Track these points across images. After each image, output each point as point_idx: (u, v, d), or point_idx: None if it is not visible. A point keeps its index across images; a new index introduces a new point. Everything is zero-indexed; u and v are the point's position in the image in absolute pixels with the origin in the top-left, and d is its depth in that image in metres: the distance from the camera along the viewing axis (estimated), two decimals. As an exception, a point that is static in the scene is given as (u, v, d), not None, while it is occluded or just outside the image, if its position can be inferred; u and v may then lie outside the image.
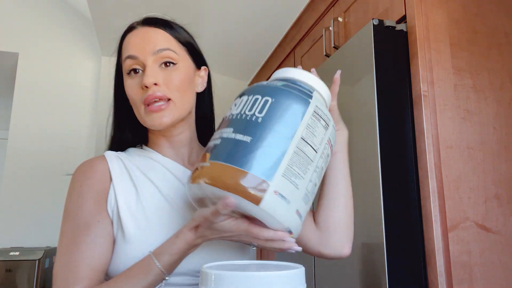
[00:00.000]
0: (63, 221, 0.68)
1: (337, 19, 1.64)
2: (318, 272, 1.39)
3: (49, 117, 2.97)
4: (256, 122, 0.55)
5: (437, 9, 1.17)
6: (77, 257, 0.63)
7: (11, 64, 3.19)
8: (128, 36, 0.74)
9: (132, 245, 0.65)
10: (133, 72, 0.71)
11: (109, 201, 0.69)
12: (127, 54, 0.72)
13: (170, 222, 0.69)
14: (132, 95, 0.72)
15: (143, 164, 0.75)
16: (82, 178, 0.70)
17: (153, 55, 0.70)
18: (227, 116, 0.60)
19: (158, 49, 0.71)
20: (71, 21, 3.14)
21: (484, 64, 1.17)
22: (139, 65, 0.71)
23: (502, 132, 1.15)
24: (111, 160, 0.73)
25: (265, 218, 0.53)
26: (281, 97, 0.57)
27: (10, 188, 2.81)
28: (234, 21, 2.39)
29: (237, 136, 0.54)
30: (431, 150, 1.08)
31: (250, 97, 0.59)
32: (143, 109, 0.70)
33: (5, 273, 2.46)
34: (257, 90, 0.60)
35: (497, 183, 1.11)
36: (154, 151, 0.77)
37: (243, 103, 0.59)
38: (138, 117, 0.73)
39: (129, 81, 0.72)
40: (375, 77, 1.13)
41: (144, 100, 0.69)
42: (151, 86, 0.69)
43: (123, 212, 0.67)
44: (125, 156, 0.75)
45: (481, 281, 1.03)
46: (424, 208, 1.07)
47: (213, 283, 0.47)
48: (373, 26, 1.16)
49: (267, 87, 0.60)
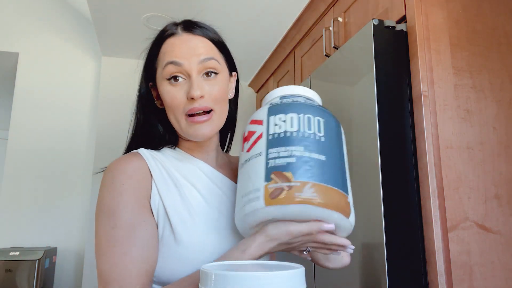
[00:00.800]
0: (101, 220, 0.65)
1: (337, 19, 1.64)
2: (318, 272, 1.39)
3: (49, 117, 2.97)
4: (321, 141, 0.58)
5: (437, 9, 1.17)
6: (127, 260, 0.62)
7: (11, 64, 3.19)
8: (170, 41, 0.73)
9: (183, 246, 0.65)
10: (174, 80, 0.70)
11: (153, 201, 0.68)
12: (170, 59, 0.70)
13: (212, 223, 0.69)
14: (173, 104, 0.70)
15: (180, 166, 0.75)
16: (122, 176, 0.68)
17: (199, 64, 0.70)
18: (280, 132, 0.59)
19: (204, 58, 0.71)
20: (71, 21, 3.14)
21: (484, 64, 1.17)
22: (181, 73, 0.70)
23: (502, 132, 1.15)
24: (148, 158, 0.72)
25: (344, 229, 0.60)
26: (328, 117, 0.61)
27: (10, 188, 2.81)
28: (234, 21, 2.39)
29: (313, 155, 0.56)
30: (431, 150, 1.08)
31: (300, 115, 0.59)
32: (184, 119, 0.70)
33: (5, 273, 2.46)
34: (302, 109, 0.60)
35: (497, 183, 1.11)
36: (188, 153, 0.78)
37: (296, 121, 0.59)
38: (177, 126, 0.72)
39: (170, 88, 0.71)
40: (375, 77, 1.13)
41: (188, 110, 0.69)
42: (198, 99, 0.69)
43: (172, 213, 0.67)
44: (161, 157, 0.74)
45: (481, 281, 1.03)
46: (424, 208, 1.07)
47: (213, 283, 0.47)
48: (373, 26, 1.16)
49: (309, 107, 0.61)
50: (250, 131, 0.64)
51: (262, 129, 0.61)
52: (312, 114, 0.60)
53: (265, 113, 0.63)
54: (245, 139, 0.64)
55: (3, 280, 2.44)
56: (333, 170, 0.57)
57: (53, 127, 2.96)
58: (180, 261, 0.64)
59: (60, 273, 2.87)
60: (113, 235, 0.63)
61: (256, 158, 0.59)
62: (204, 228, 0.68)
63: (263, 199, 0.55)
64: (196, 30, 0.73)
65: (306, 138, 0.57)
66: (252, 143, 0.61)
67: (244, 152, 0.64)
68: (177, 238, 0.65)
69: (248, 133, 0.64)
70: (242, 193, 0.60)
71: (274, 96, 0.68)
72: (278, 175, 0.55)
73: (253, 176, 0.58)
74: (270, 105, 0.64)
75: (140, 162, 0.70)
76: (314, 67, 1.90)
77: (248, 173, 0.60)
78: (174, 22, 0.75)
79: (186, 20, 0.76)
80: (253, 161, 0.60)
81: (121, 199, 0.66)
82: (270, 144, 0.58)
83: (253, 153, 0.60)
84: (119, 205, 0.65)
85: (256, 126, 0.62)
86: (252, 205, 0.56)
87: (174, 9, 2.28)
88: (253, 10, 2.27)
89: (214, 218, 0.70)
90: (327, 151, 0.58)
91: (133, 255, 0.62)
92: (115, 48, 2.86)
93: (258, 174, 0.57)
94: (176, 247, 0.65)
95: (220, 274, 0.46)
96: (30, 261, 2.49)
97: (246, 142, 0.64)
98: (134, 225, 0.64)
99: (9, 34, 3.02)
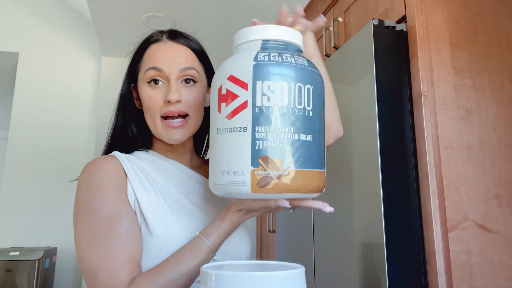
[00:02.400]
0: (82, 217, 0.67)
1: (337, 19, 1.64)
2: (318, 272, 1.39)
3: (49, 117, 2.97)
4: (309, 116, 0.55)
5: (437, 9, 1.17)
6: (114, 249, 0.64)
7: (11, 64, 3.19)
8: (154, 47, 0.77)
9: (157, 238, 0.68)
10: (154, 83, 0.74)
11: (129, 197, 0.71)
12: (152, 65, 0.74)
13: (192, 217, 0.73)
14: (150, 105, 0.74)
15: (155, 166, 0.77)
16: (99, 172, 0.70)
17: (179, 72, 0.74)
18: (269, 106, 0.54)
19: (184, 67, 0.74)
20: (71, 21, 3.14)
21: (484, 64, 1.17)
22: (161, 77, 0.74)
23: (502, 132, 1.15)
24: (122, 160, 0.74)
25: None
26: (316, 80, 0.57)
27: (10, 188, 2.81)
28: (234, 21, 2.39)
29: (301, 137, 0.54)
30: (431, 150, 1.08)
31: (291, 85, 0.54)
32: (160, 122, 0.74)
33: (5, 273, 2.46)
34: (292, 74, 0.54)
35: (497, 183, 1.11)
36: (161, 155, 0.81)
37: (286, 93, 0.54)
38: (152, 127, 0.75)
39: (149, 90, 0.74)
40: (375, 77, 1.13)
41: (163, 113, 0.73)
42: (174, 103, 0.72)
43: (146, 209, 0.69)
44: (134, 159, 0.76)
45: (481, 281, 1.03)
46: (424, 208, 1.07)
47: (213, 283, 0.47)
48: (373, 26, 1.16)
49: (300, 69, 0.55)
50: (230, 92, 0.56)
51: (247, 96, 0.54)
52: (302, 82, 0.55)
53: (250, 72, 0.55)
54: (223, 99, 0.57)
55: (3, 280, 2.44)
56: (318, 149, 0.56)
57: (53, 127, 2.96)
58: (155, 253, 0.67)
59: (60, 273, 2.87)
60: (97, 229, 0.65)
61: (240, 132, 0.54)
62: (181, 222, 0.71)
63: (250, 185, 0.53)
64: (180, 39, 0.77)
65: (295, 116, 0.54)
66: (234, 109, 0.55)
67: (221, 115, 0.57)
68: (152, 231, 0.68)
69: (228, 93, 0.56)
70: (222, 168, 0.56)
71: (255, 37, 0.59)
72: (266, 162, 0.53)
73: (237, 153, 0.54)
74: (255, 60, 0.55)
75: (115, 161, 0.73)
76: (314, 67, 1.90)
77: (229, 146, 0.55)
78: (160, 30, 0.80)
79: (171, 30, 0.80)
80: (236, 134, 0.55)
81: (100, 194, 0.68)
82: (257, 120, 0.54)
83: (236, 124, 0.55)
84: (99, 199, 0.67)
85: (239, 89, 0.55)
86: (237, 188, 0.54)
87: (174, 9, 2.28)
88: (253, 10, 2.27)
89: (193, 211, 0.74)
90: (314, 128, 0.55)
91: (119, 245, 0.64)
92: (115, 48, 2.86)
93: (243, 154, 0.54)
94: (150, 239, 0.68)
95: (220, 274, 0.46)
96: (30, 261, 2.49)
97: (224, 103, 0.57)
98: (116, 216, 0.66)
99: (9, 34, 3.02)
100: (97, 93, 3.08)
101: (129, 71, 0.81)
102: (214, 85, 0.60)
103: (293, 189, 0.54)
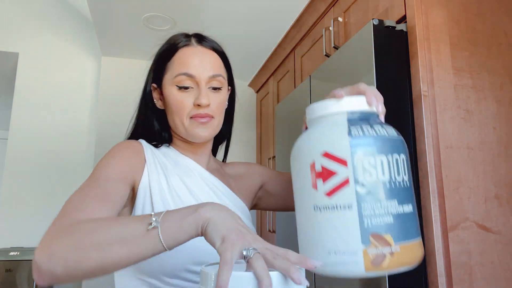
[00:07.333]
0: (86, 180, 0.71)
1: (337, 19, 1.64)
2: (318, 272, 1.39)
3: (49, 117, 2.97)
4: (407, 187, 0.55)
5: (437, 9, 1.17)
6: (91, 195, 0.63)
7: (11, 64, 3.19)
8: (184, 52, 0.79)
9: None
10: (184, 87, 0.78)
11: (143, 180, 0.74)
12: (184, 70, 0.77)
13: None
14: (179, 108, 0.78)
15: (173, 161, 0.81)
16: (116, 151, 0.74)
17: (208, 78, 0.78)
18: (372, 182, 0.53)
19: (213, 74, 0.79)
20: (71, 21, 3.14)
21: (484, 64, 1.17)
22: (192, 82, 0.78)
23: (502, 132, 1.15)
24: (145, 147, 0.79)
25: None
26: (406, 150, 0.58)
27: (10, 188, 2.81)
28: (234, 21, 2.39)
29: (405, 209, 0.54)
30: (431, 150, 1.08)
31: (389, 158, 0.54)
32: (188, 121, 0.78)
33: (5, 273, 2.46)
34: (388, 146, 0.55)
35: (497, 183, 1.11)
36: (181, 153, 0.84)
37: (387, 166, 0.54)
38: (180, 127, 0.79)
39: (179, 94, 0.78)
40: (375, 77, 1.13)
41: (193, 115, 0.77)
42: (204, 107, 0.77)
43: (155, 199, 0.73)
44: (157, 151, 0.81)
45: (481, 281, 1.03)
46: (424, 208, 1.07)
47: (213, 283, 0.47)
48: (373, 26, 1.16)
49: (393, 141, 0.56)
50: (327, 169, 0.54)
51: (347, 173, 0.53)
52: (397, 152, 0.55)
53: (348, 148, 0.53)
54: (319, 175, 0.55)
55: (3, 280, 2.44)
56: (416, 217, 0.56)
57: (53, 127, 2.96)
58: None
59: (60, 273, 2.86)
60: (90, 182, 0.67)
61: (344, 210, 0.53)
62: None
63: (363, 265, 0.51)
64: (206, 43, 0.81)
65: (397, 189, 0.54)
66: (334, 187, 0.54)
67: (318, 192, 0.55)
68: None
69: (324, 170, 0.54)
70: (328, 248, 0.54)
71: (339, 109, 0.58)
72: (378, 239, 0.51)
73: (344, 232, 0.52)
74: (350, 135, 0.54)
75: (138, 146, 0.78)
76: (314, 67, 1.90)
77: (333, 225, 0.53)
78: (186, 34, 0.82)
79: (198, 34, 0.83)
80: (339, 212, 0.53)
81: (108, 164, 0.71)
82: (362, 197, 0.52)
83: (339, 202, 0.53)
84: (104, 167, 0.70)
85: (337, 165, 0.53)
86: (349, 268, 0.52)
87: (174, 9, 2.28)
88: (253, 10, 2.27)
89: None
90: (412, 197, 0.56)
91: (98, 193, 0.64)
92: (115, 48, 2.86)
93: (352, 233, 0.52)
94: None
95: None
96: (30, 261, 2.49)
97: (319, 179, 0.55)
98: (111, 179, 0.68)
99: (9, 34, 3.02)
100: (97, 93, 3.08)
101: (155, 72, 0.83)
102: (304, 160, 0.57)
103: (406, 263, 0.53)
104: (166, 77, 0.80)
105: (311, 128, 0.59)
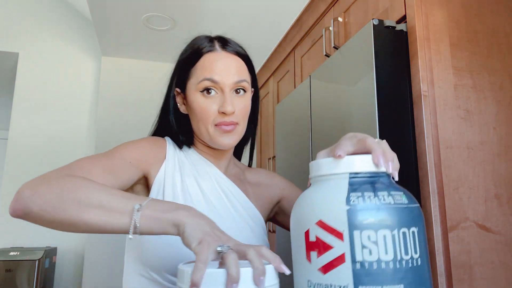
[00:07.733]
0: None
1: (337, 19, 1.64)
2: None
3: (49, 117, 2.97)
4: (418, 266, 0.46)
5: (437, 9, 1.17)
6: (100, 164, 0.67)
7: (11, 64, 3.19)
8: (208, 58, 0.78)
9: None
10: (207, 92, 0.77)
11: (159, 175, 0.76)
12: (208, 76, 0.76)
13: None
14: (203, 114, 0.77)
15: (193, 163, 0.82)
16: (147, 139, 0.78)
17: (232, 84, 0.77)
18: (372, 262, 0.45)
19: (238, 80, 0.78)
20: (71, 21, 3.14)
21: (484, 64, 1.17)
22: (216, 88, 0.77)
23: (502, 132, 1.15)
24: (169, 144, 0.81)
25: None
26: (420, 220, 0.48)
27: (10, 188, 2.81)
28: (234, 21, 2.39)
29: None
30: (431, 150, 1.08)
31: (394, 232, 0.46)
32: (213, 128, 0.77)
33: (5, 273, 2.46)
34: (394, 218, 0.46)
35: (497, 183, 1.11)
36: (202, 156, 0.84)
37: (391, 243, 0.45)
38: (204, 133, 0.78)
39: (202, 99, 0.77)
40: (375, 77, 1.13)
41: (218, 123, 0.76)
42: (229, 114, 0.76)
43: (167, 187, 0.75)
44: (179, 151, 0.82)
45: (481, 281, 1.03)
46: (424, 208, 1.07)
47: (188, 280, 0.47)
48: (373, 26, 1.16)
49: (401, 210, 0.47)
50: (322, 241, 0.47)
51: (344, 249, 0.45)
52: (406, 225, 0.46)
53: (344, 219, 0.46)
54: (313, 247, 0.48)
55: (3, 280, 2.44)
56: None
57: (53, 127, 2.96)
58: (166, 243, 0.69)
59: (60, 273, 2.87)
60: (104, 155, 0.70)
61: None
62: None
63: None
64: (230, 47, 0.80)
65: (404, 269, 0.45)
66: (328, 263, 0.47)
67: (311, 265, 0.48)
68: None
69: (318, 241, 0.48)
70: None
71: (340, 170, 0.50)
72: None
73: None
74: (347, 203, 0.47)
75: (163, 143, 0.80)
76: (314, 67, 1.90)
77: None
78: (209, 37, 0.81)
79: (221, 37, 0.82)
80: None
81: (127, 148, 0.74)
82: (359, 279, 0.45)
83: (334, 281, 0.46)
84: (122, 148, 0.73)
85: (333, 238, 0.46)
86: None
87: (174, 9, 2.28)
88: (253, 10, 2.27)
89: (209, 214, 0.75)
90: (424, 279, 0.46)
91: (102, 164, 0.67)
92: (115, 48, 2.86)
93: None
94: None
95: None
96: (30, 261, 2.49)
97: (313, 252, 0.48)
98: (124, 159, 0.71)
99: (9, 34, 3.02)
100: (97, 93, 3.08)
101: (179, 76, 0.82)
102: (299, 226, 0.51)
103: None
104: (190, 83, 0.79)
105: (312, 187, 0.53)
